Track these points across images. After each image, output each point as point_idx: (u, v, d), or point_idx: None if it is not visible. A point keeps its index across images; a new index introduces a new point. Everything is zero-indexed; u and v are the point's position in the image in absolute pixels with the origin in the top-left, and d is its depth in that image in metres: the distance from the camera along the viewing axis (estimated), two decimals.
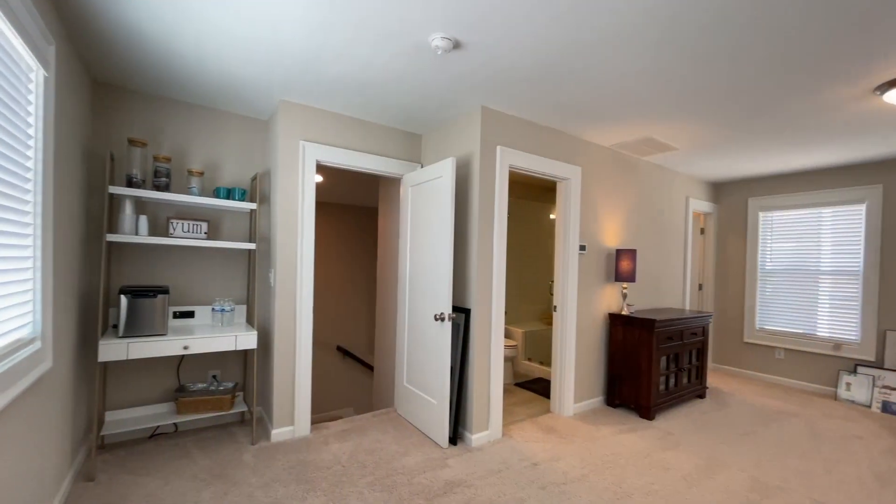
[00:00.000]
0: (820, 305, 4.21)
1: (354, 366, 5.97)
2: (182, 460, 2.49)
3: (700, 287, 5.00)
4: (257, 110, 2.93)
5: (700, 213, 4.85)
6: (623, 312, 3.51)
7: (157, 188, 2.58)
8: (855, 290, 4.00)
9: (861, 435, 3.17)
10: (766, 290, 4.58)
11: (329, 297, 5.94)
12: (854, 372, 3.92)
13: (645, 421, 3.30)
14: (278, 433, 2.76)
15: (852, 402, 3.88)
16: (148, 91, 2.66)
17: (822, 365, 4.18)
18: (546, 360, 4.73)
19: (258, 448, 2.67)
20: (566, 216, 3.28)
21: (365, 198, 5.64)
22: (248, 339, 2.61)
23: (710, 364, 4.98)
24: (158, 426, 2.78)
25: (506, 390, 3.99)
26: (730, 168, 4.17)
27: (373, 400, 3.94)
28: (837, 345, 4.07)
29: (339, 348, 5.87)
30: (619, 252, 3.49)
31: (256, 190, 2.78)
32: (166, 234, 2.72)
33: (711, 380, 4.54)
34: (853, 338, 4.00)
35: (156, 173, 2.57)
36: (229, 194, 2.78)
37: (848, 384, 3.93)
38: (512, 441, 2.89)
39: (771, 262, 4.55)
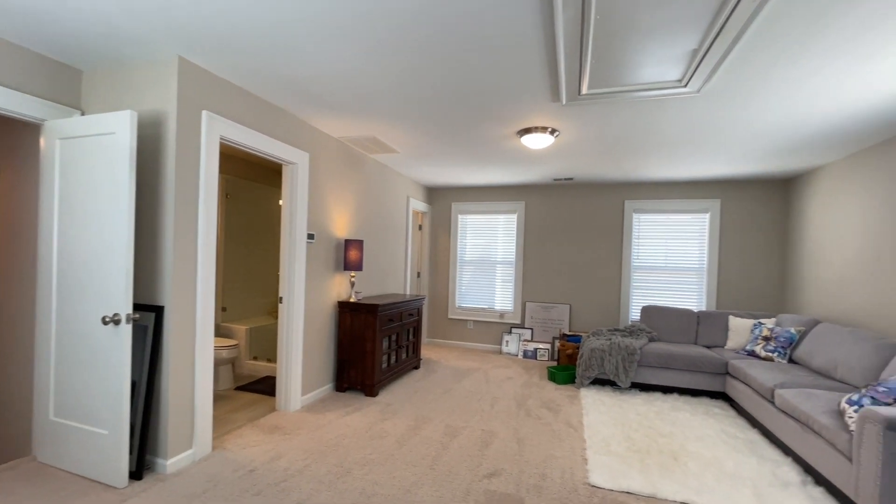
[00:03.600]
0: (496, 286, 5.69)
1: None
2: None
3: (419, 275, 5.89)
4: None
5: (419, 211, 5.70)
6: (351, 300, 3.68)
7: None
8: (512, 275, 5.61)
9: (512, 376, 4.46)
10: (463, 276, 5.83)
11: None
12: (510, 332, 5.50)
13: (369, 398, 3.57)
14: None
15: (509, 353, 5.43)
16: None
17: (494, 330, 5.67)
18: (275, 357, 4.44)
19: None
20: (293, 202, 3.15)
21: None
22: None
23: (424, 339, 5.93)
24: None
25: (225, 396, 3.49)
26: (439, 176, 5.07)
27: None
28: (502, 314, 5.62)
29: None
30: (347, 242, 3.63)
31: None
32: None
33: (425, 352, 5.40)
34: (510, 308, 5.61)
35: None
36: None
37: (507, 341, 5.47)
38: (226, 453, 2.53)
39: (467, 254, 5.82)
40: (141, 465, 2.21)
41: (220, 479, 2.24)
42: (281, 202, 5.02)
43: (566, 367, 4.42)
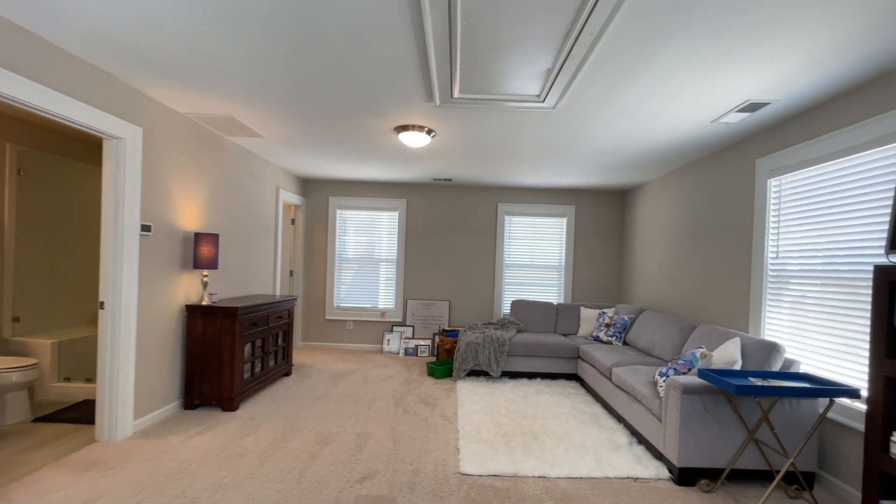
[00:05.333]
0: (380, 285, 5.58)
1: None
2: None
3: (291, 273, 5.44)
4: None
5: (291, 204, 5.26)
6: (203, 303, 3.19)
7: None
8: (394, 273, 5.57)
9: (392, 375, 4.41)
10: (343, 274, 5.58)
11: None
12: (391, 331, 5.45)
13: (228, 414, 3.15)
14: None
15: (391, 352, 5.37)
16: None
17: (375, 329, 5.56)
18: (95, 376, 3.62)
19: None
20: (119, 186, 2.58)
21: None
22: None
23: (299, 343, 5.51)
24: None
25: (18, 432, 2.71)
26: (314, 167, 4.74)
27: None
28: (383, 313, 5.54)
29: None
30: (198, 236, 3.13)
31: None
32: None
33: (299, 357, 5.02)
34: (392, 307, 5.56)
35: None
36: None
37: (388, 340, 5.41)
38: None
39: (348, 251, 5.59)
40: None
41: None
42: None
43: (444, 361, 4.55)
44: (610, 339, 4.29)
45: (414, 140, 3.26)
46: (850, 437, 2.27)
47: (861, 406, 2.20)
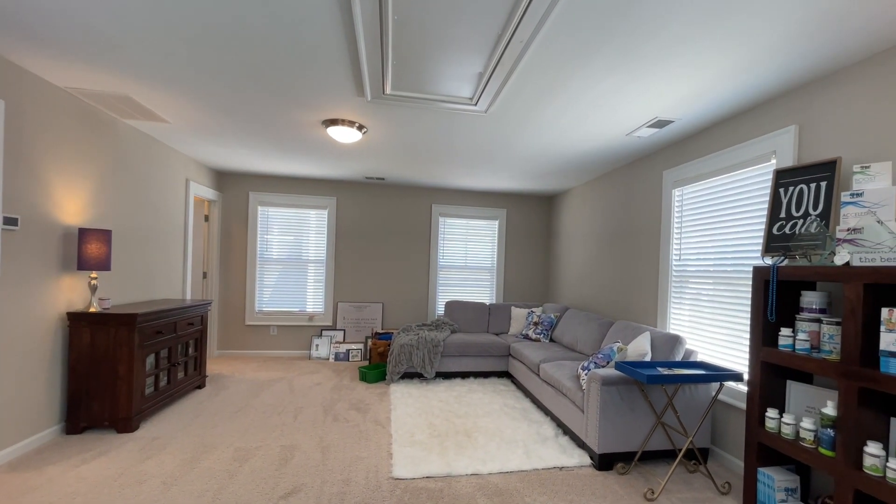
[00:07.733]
0: (308, 287, 5.27)
1: None
2: None
3: (205, 275, 4.94)
4: None
5: (203, 198, 4.77)
6: (92, 309, 2.76)
7: None
8: (323, 274, 5.31)
9: (320, 381, 4.19)
10: (265, 275, 5.19)
11: None
12: (321, 335, 5.19)
13: (124, 435, 2.75)
14: None
15: (319, 358, 5.11)
16: None
17: (303, 334, 5.25)
18: None
19: None
20: None
21: None
22: None
23: (214, 352, 5.02)
24: None
25: None
26: (231, 159, 4.34)
27: None
28: (311, 317, 5.25)
29: None
30: (84, 232, 2.70)
31: None
32: None
33: (216, 367, 4.57)
34: (321, 310, 5.30)
35: None
36: None
37: (317, 345, 5.14)
38: None
39: (271, 251, 5.21)
40: None
41: None
42: None
43: (377, 365, 4.43)
44: (538, 336, 4.50)
45: (344, 135, 3.12)
46: (736, 416, 2.60)
47: (744, 388, 2.54)
